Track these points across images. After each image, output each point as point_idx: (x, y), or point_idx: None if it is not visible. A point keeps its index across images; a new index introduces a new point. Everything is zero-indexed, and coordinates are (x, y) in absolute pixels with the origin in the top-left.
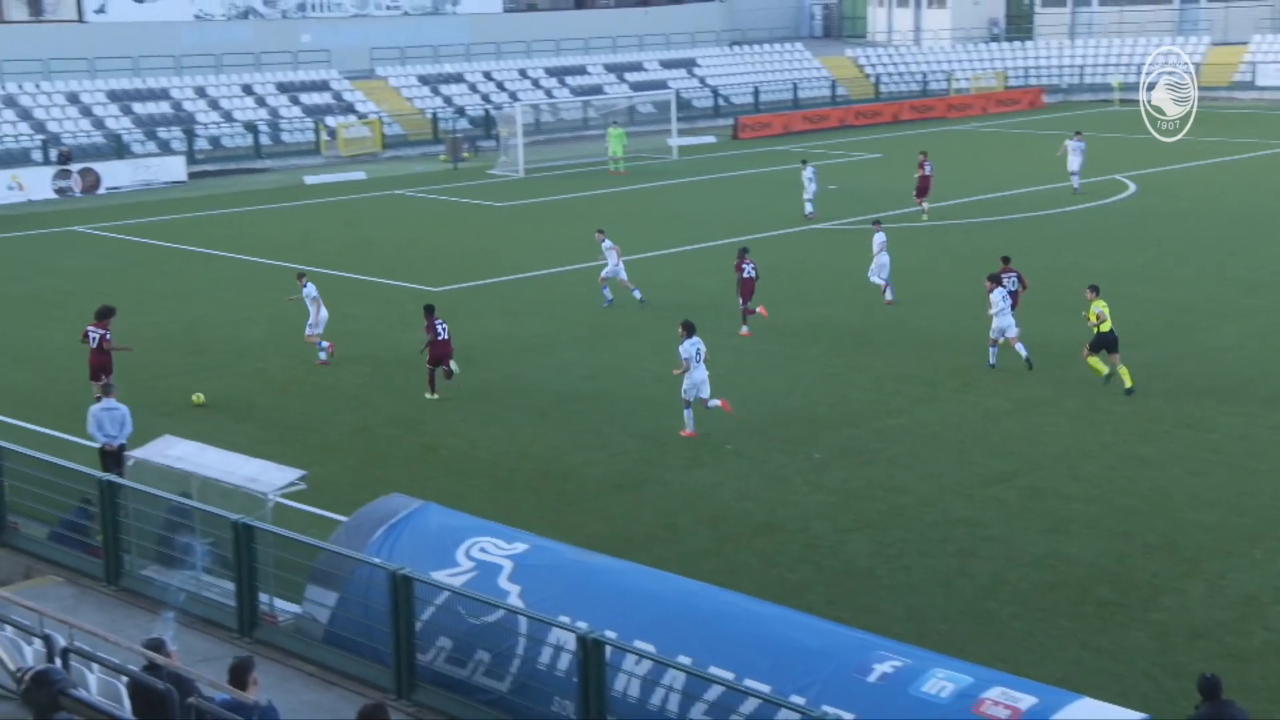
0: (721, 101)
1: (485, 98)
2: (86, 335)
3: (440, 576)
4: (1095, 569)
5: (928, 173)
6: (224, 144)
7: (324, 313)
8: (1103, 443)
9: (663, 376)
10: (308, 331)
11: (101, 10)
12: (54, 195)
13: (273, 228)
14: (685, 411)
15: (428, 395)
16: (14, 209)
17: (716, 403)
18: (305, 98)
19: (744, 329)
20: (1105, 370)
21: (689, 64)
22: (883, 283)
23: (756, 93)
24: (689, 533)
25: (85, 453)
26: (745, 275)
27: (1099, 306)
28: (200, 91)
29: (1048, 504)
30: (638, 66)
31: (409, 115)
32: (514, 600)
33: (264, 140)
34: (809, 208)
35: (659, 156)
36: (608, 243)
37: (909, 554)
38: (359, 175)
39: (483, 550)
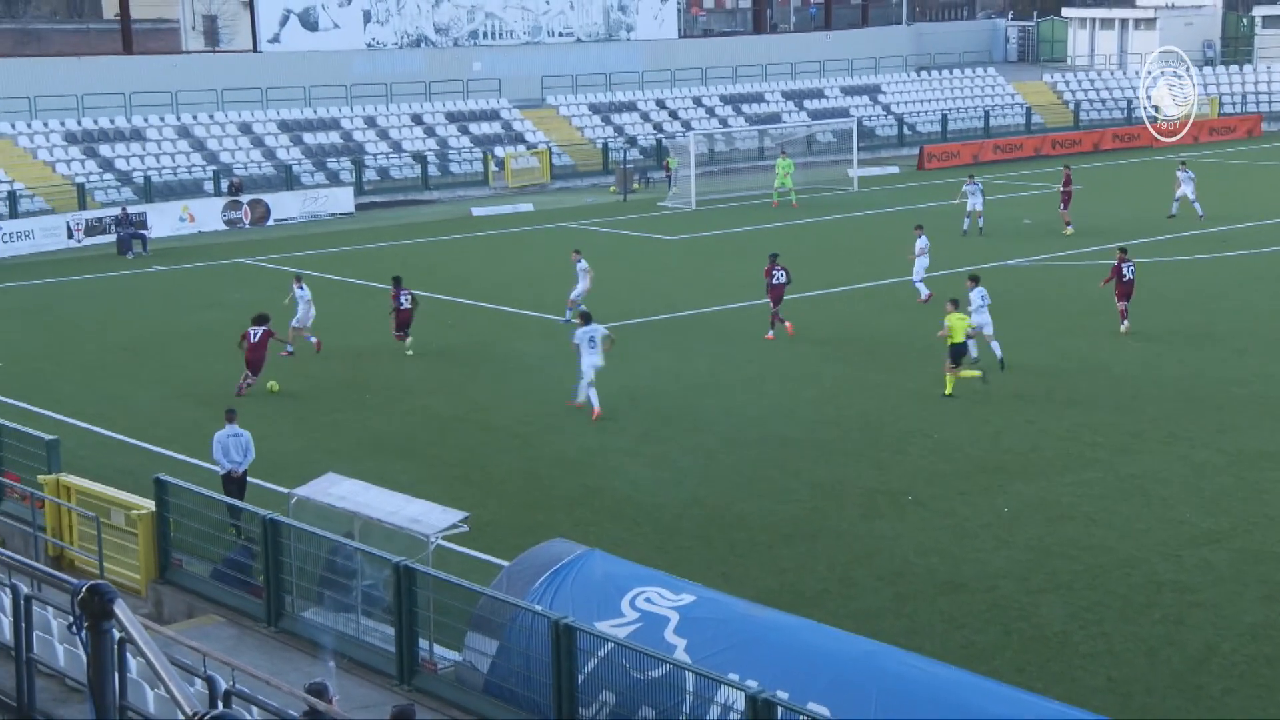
0: (906, 130)
1: (658, 127)
2: (247, 335)
3: (604, 627)
4: None
5: (1069, 188)
6: (392, 175)
7: (312, 312)
8: None
9: (838, 420)
10: (295, 324)
11: (275, 40)
12: (223, 226)
13: (439, 260)
14: (589, 391)
15: (407, 352)
16: (184, 240)
17: (591, 399)
18: (474, 127)
19: (769, 333)
20: (950, 388)
21: (873, 91)
22: (917, 281)
23: (944, 120)
24: (866, 589)
25: (249, 490)
26: (775, 281)
27: (952, 320)
28: (370, 121)
29: (1265, 568)
30: (818, 93)
31: (578, 145)
32: (680, 655)
33: (432, 171)
34: (966, 223)
35: (839, 188)
36: (583, 264)
37: (1109, 619)
38: (527, 207)
39: (648, 601)
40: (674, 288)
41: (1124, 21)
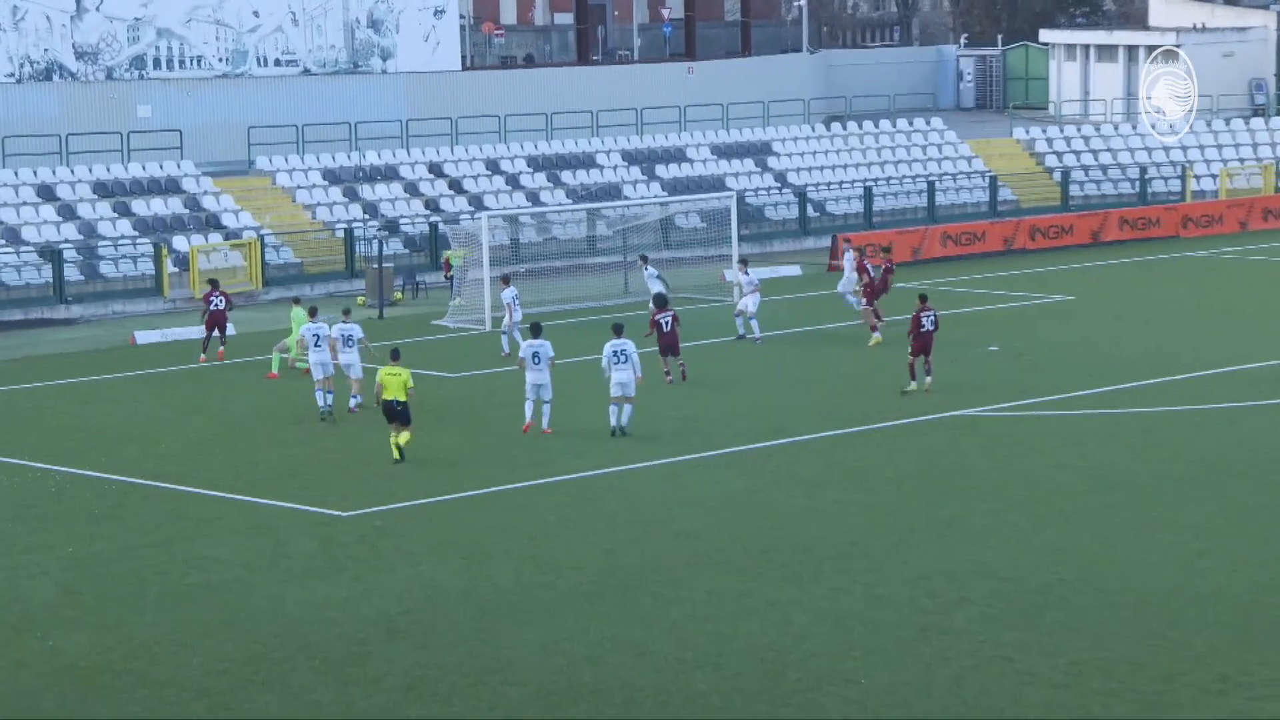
0: (812, 211)
1: (432, 205)
2: (657, 324)
3: None
4: None
5: (886, 268)
6: (5, 281)
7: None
8: None
9: (716, 657)
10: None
11: None
12: None
13: (80, 416)
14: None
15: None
16: None
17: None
18: (140, 205)
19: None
20: (396, 452)
21: (760, 151)
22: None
23: (868, 197)
24: None
25: None
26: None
27: (383, 376)
28: None
29: None
30: (677, 155)
31: (307, 233)
32: None
33: (71, 275)
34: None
35: (710, 299)
36: (511, 291)
37: None
38: (225, 331)
39: None
40: (459, 454)
41: (1131, 50)
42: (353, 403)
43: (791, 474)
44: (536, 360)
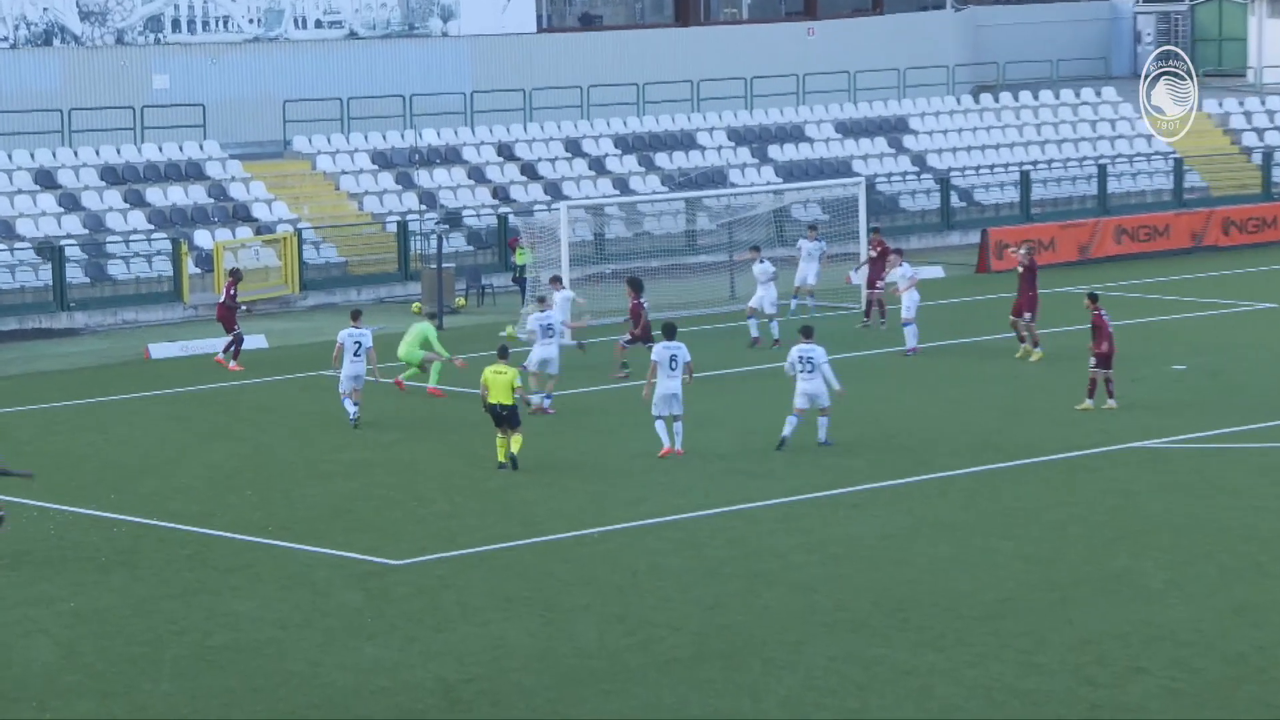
0: (958, 200)
1: (500, 193)
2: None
3: None
4: None
5: (1026, 263)
6: None
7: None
8: None
9: None
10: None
11: None
12: None
13: (85, 445)
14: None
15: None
16: None
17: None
18: (155, 194)
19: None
20: (502, 455)
21: (895, 129)
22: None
23: (1025, 184)
24: None
25: None
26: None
27: (488, 377)
28: None
29: None
30: (795, 132)
31: (353, 227)
32: None
33: (74, 275)
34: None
35: (837, 307)
36: (566, 293)
37: None
38: (256, 342)
39: None
40: (534, 490)
41: None
42: (532, 398)
43: (932, 517)
44: (674, 365)
